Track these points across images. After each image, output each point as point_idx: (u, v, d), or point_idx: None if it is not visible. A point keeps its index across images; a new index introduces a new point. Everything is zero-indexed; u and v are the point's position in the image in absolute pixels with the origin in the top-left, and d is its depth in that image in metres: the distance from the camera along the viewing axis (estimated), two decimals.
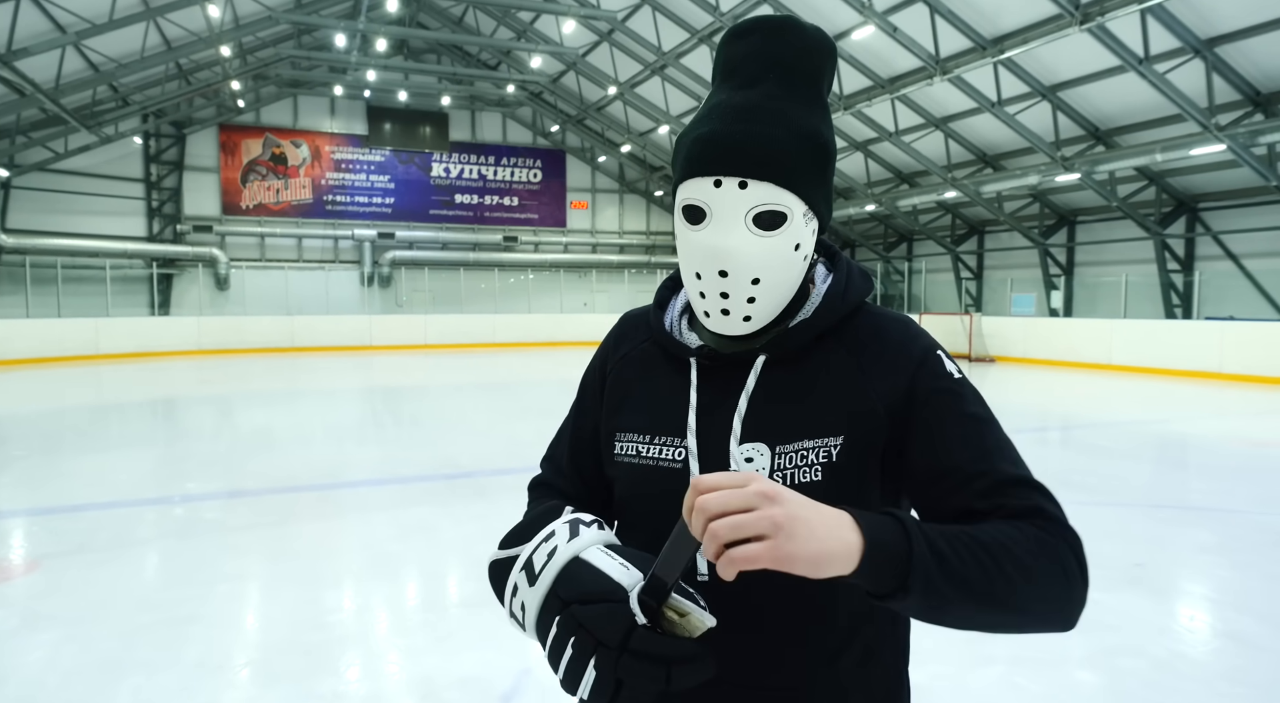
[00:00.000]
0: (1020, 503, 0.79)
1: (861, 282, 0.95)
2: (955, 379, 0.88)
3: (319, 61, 21.14)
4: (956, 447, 0.83)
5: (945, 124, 17.23)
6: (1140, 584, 3.92)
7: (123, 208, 21.72)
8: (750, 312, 0.88)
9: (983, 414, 0.87)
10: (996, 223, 20.41)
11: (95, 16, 14.27)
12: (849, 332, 0.92)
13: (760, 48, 0.89)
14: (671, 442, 0.91)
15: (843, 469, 0.85)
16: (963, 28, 13.53)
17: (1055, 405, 11.15)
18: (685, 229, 0.89)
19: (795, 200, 0.85)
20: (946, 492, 0.82)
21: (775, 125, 0.85)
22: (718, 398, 0.90)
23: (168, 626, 3.43)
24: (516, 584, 0.82)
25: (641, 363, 1.00)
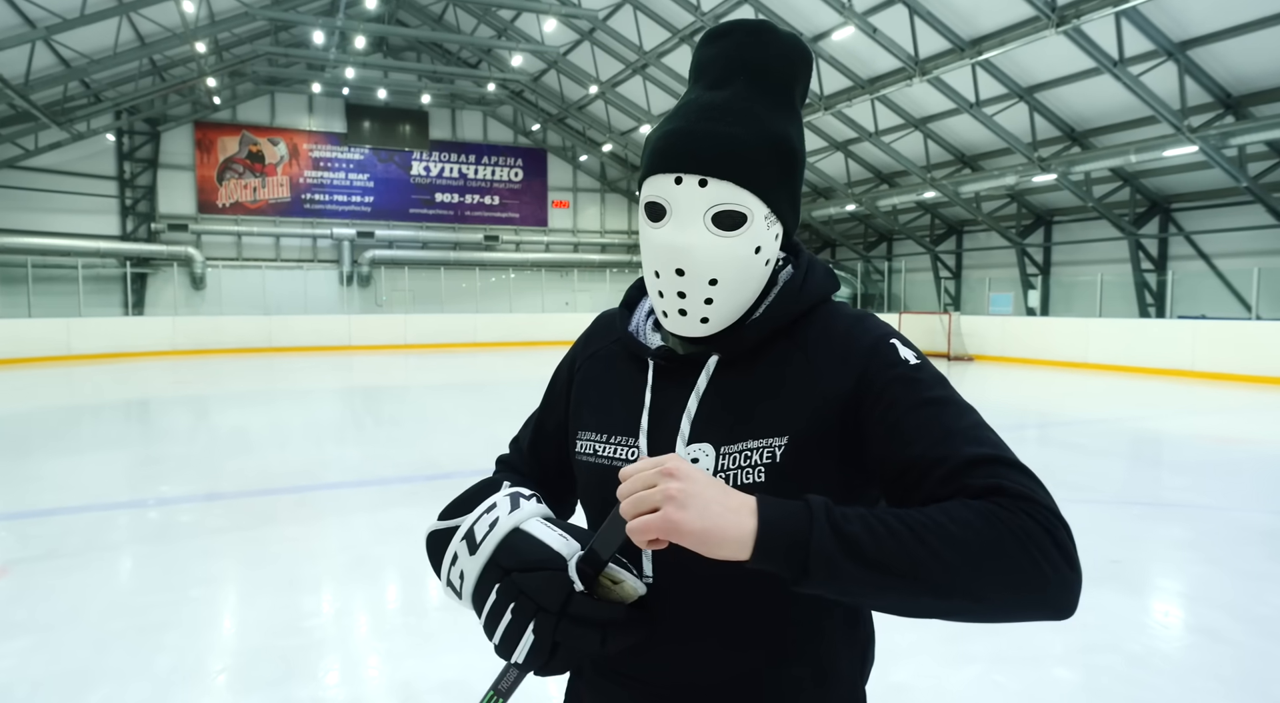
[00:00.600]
0: (981, 482, 0.73)
1: (824, 279, 0.93)
2: (911, 365, 0.84)
3: (297, 58, 20.93)
4: (915, 436, 0.78)
5: (924, 125, 17.37)
6: (1117, 581, 3.96)
7: (95, 206, 21.36)
8: (707, 313, 0.87)
9: (942, 396, 0.82)
10: (975, 223, 20.61)
11: (66, 11, 14.02)
12: (804, 329, 0.90)
13: (734, 50, 0.89)
14: (626, 442, 0.91)
15: (787, 470, 0.83)
16: (941, 29, 13.64)
17: (1032, 403, 11.28)
18: (646, 227, 0.89)
19: (756, 202, 0.85)
20: (912, 484, 0.77)
21: (739, 125, 0.84)
22: (671, 399, 0.90)
23: (141, 632, 3.37)
24: (456, 553, 0.83)
25: (606, 363, 1.00)
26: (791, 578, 0.69)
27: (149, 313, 21.63)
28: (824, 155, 20.53)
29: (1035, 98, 14.94)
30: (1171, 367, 14.10)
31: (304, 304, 22.34)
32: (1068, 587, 0.69)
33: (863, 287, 23.78)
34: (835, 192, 21.57)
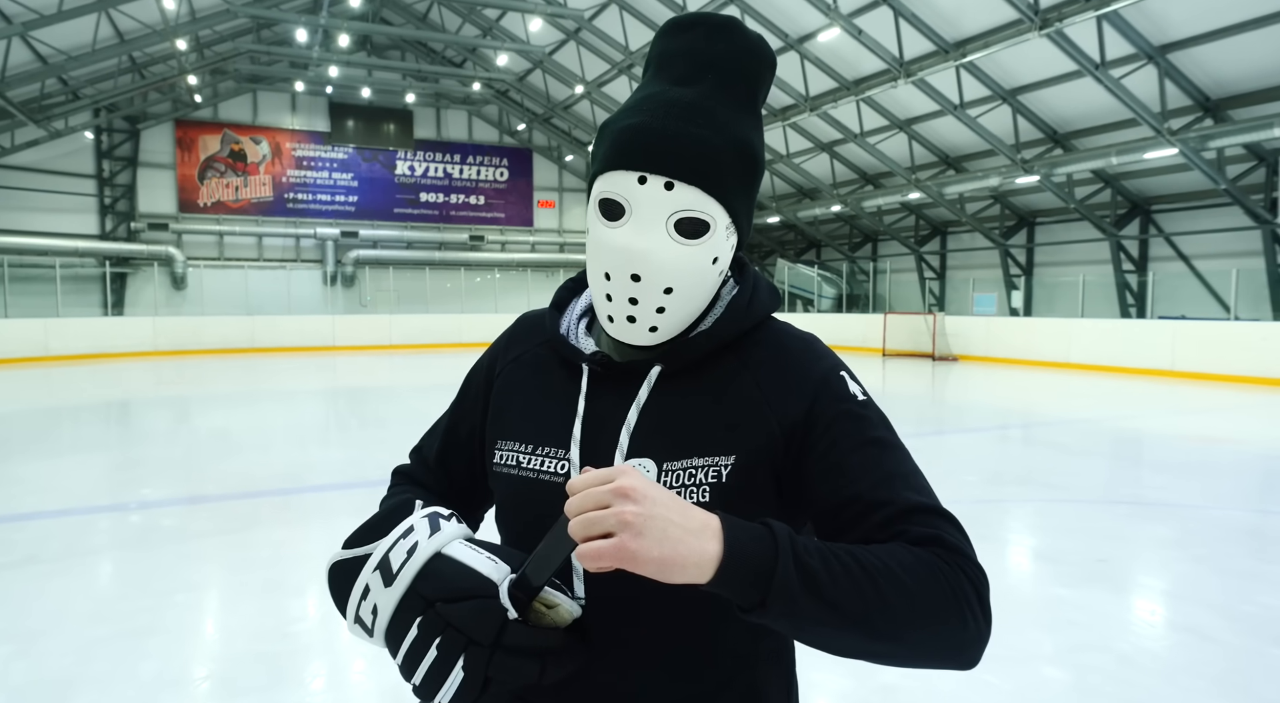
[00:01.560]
0: (920, 530, 0.74)
1: (768, 296, 0.91)
2: (859, 401, 0.83)
3: (279, 57, 20.74)
4: (858, 474, 0.78)
5: (909, 126, 17.48)
6: (1104, 580, 4.00)
7: (73, 205, 21.08)
8: (658, 322, 0.82)
9: (887, 439, 0.82)
10: (959, 224, 20.77)
11: (43, 7, 13.81)
12: (749, 347, 0.87)
13: (701, 45, 0.85)
14: (554, 453, 0.85)
15: (732, 491, 0.80)
16: (926, 31, 13.73)
17: (1016, 404, 11.37)
18: (599, 224, 0.82)
19: (721, 211, 0.81)
20: (848, 522, 0.77)
21: (710, 128, 0.80)
22: (608, 409, 0.84)
23: (124, 638, 3.32)
24: (369, 585, 0.75)
25: (532, 367, 0.94)
26: (745, 607, 0.66)
27: (129, 313, 21.36)
28: (809, 156, 20.60)
29: (1018, 100, 15.07)
30: (1153, 367, 14.26)
31: (287, 304, 22.15)
32: (982, 642, 0.72)
33: (848, 287, 23.90)
34: (821, 192, 21.66)
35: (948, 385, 13.79)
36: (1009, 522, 5.19)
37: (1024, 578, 4.17)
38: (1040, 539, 4.77)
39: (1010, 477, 6.43)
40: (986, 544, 4.62)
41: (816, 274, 24.19)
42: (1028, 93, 14.85)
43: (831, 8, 13.84)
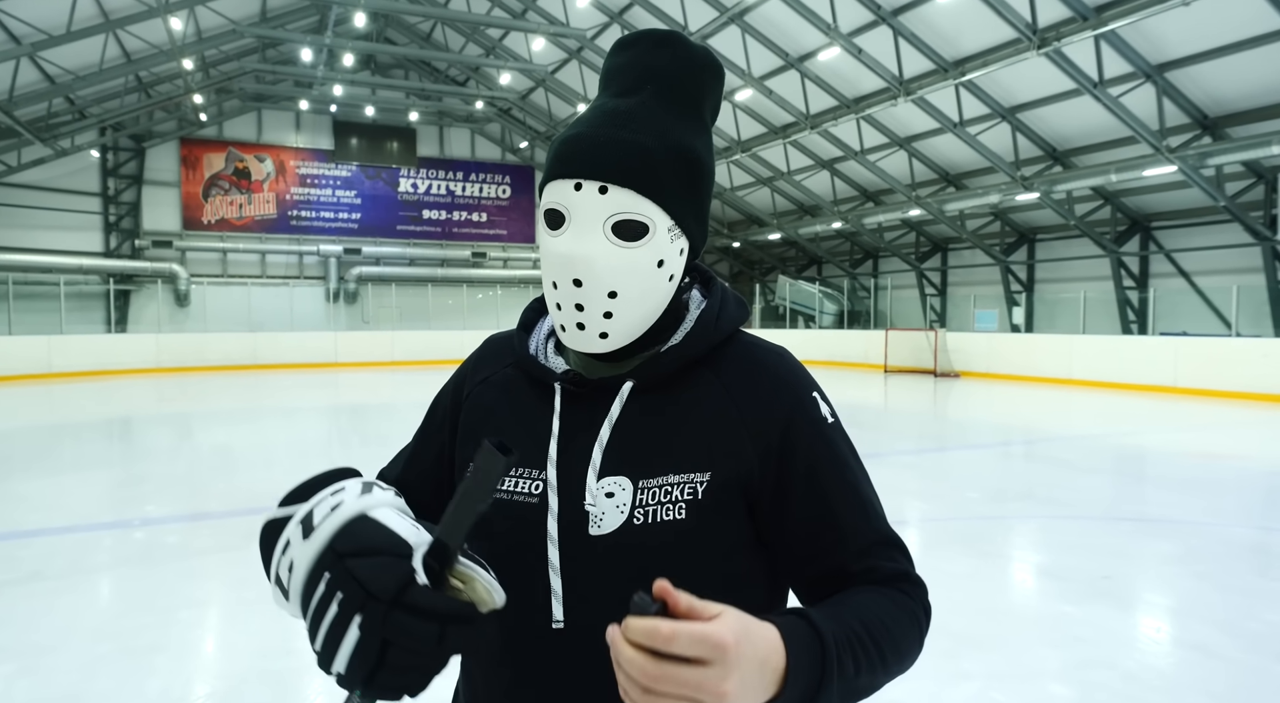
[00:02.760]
0: (890, 567, 0.81)
1: (736, 309, 0.91)
2: (829, 424, 0.85)
3: (284, 76, 20.95)
4: (835, 503, 0.82)
5: (909, 143, 17.60)
6: (1108, 597, 3.99)
7: (78, 222, 21.21)
8: (606, 328, 0.82)
9: (855, 465, 0.86)
10: (959, 240, 20.85)
11: (52, 28, 13.98)
12: (722, 361, 0.87)
13: (641, 58, 0.86)
14: (529, 473, 0.84)
15: (708, 508, 0.79)
16: (925, 50, 13.87)
17: (1018, 420, 11.36)
18: (545, 235, 0.83)
19: (658, 212, 0.80)
20: (823, 549, 0.81)
21: (642, 132, 0.81)
22: (581, 427, 0.83)
23: (128, 656, 3.32)
24: (289, 540, 0.70)
25: (501, 388, 0.92)
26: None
27: (132, 330, 21.42)
28: (810, 173, 20.73)
29: (1017, 118, 15.18)
30: (1154, 383, 14.26)
31: (290, 321, 22.20)
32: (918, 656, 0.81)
33: (849, 303, 23.95)
34: (821, 209, 21.76)
35: (950, 401, 13.79)
36: (1013, 538, 5.18)
37: (1029, 595, 4.16)
38: (1045, 556, 4.76)
39: (1013, 493, 6.42)
40: (990, 561, 4.62)
41: (818, 290, 24.25)
42: (1027, 111, 14.97)
43: (831, 27, 13.99)
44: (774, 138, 18.57)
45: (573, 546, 0.79)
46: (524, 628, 0.81)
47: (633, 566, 0.78)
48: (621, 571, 0.78)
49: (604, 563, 0.79)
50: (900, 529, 5.35)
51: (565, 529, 0.80)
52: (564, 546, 0.79)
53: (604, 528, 0.79)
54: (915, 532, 5.36)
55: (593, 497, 0.80)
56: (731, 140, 19.70)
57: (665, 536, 0.78)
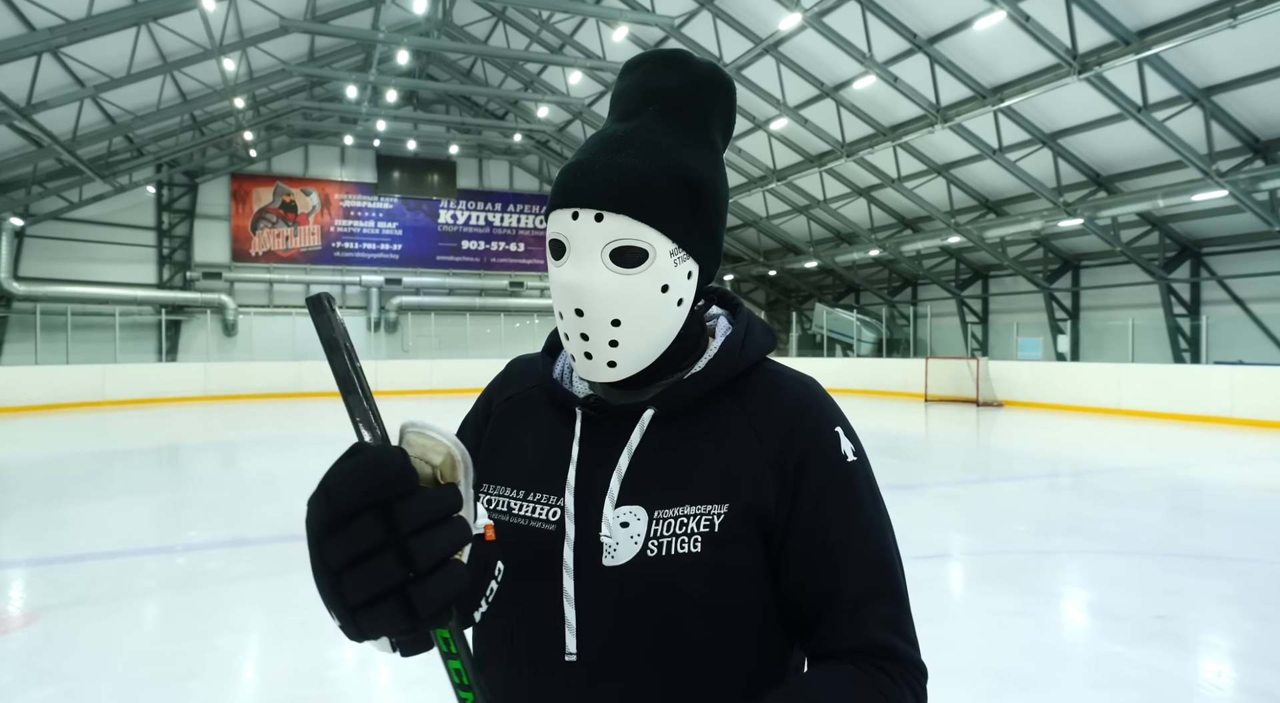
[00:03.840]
0: (878, 638, 0.76)
1: (763, 336, 0.89)
2: (849, 463, 0.82)
3: (330, 112, 21.62)
4: (837, 546, 0.79)
5: (947, 170, 17.46)
6: (1164, 638, 3.81)
7: (134, 255, 22.01)
8: (614, 357, 0.79)
9: (871, 509, 0.82)
10: (1001, 267, 20.51)
11: (114, 71, 14.66)
12: (746, 390, 0.85)
13: (645, 80, 0.85)
14: (547, 499, 0.82)
15: (724, 541, 0.77)
16: (962, 78, 13.80)
17: (1066, 450, 11.03)
18: (551, 265, 0.83)
19: (658, 237, 0.78)
20: (816, 594, 0.78)
21: (639, 157, 0.79)
22: (601, 454, 0.82)
23: (166, 681, 3.35)
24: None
25: (525, 409, 0.91)
26: None
27: (182, 359, 22.05)
28: (847, 201, 20.65)
29: (1059, 143, 14.98)
30: (1209, 413, 13.75)
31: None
32: None
33: (888, 331, 23.64)
34: (858, 237, 21.63)
35: (993, 431, 13.46)
36: (1060, 574, 5.00)
37: (1078, 634, 3.99)
38: (1094, 593, 4.58)
39: (1061, 526, 6.21)
40: (1036, 596, 4.45)
41: (855, 318, 24.01)
42: (1069, 136, 14.76)
43: (867, 56, 14.02)
44: (810, 166, 18.57)
45: (587, 576, 0.78)
46: (536, 659, 0.79)
47: (646, 598, 0.77)
48: (634, 603, 0.76)
49: (617, 595, 0.77)
50: (942, 564, 5.23)
51: (580, 559, 0.78)
52: (578, 575, 0.78)
53: (618, 559, 0.77)
54: (958, 566, 5.21)
55: (608, 527, 0.78)
56: (767, 169, 19.75)
57: (679, 569, 0.76)
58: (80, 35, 12.77)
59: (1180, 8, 10.93)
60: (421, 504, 0.54)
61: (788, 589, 0.80)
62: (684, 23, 15.96)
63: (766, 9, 14.51)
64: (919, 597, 4.41)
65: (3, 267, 18.70)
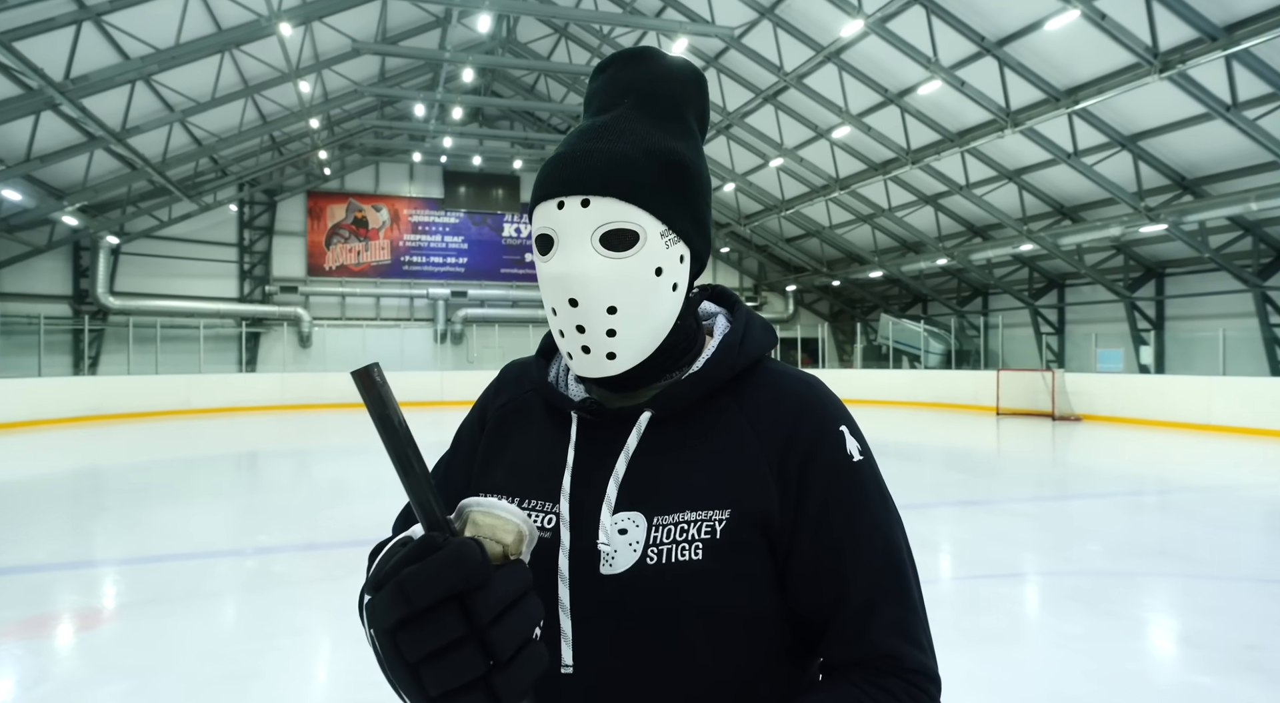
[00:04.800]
0: (887, 644, 0.74)
1: (763, 334, 0.86)
2: (855, 462, 0.79)
3: (399, 130, 22.30)
4: (846, 550, 0.76)
5: (1018, 176, 16.87)
6: (1256, 671, 3.54)
7: (217, 271, 23.10)
8: (613, 347, 0.77)
9: (881, 511, 0.79)
10: (1078, 276, 19.69)
11: (200, 95, 15.47)
12: (746, 390, 0.82)
13: (616, 77, 0.85)
14: (543, 506, 0.80)
15: (726, 548, 0.74)
16: (1034, 80, 13.34)
17: (1150, 468, 10.46)
18: (538, 262, 0.80)
19: (647, 217, 0.76)
20: (825, 601, 0.76)
21: (620, 141, 0.78)
22: (597, 459, 0.79)
23: (230, 680, 3.46)
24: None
25: (521, 414, 0.89)
26: None
27: (260, 370, 22.98)
28: (913, 209, 20.18)
29: (1139, 146, 14.30)
30: None
31: (400, 361, 23.28)
32: None
33: (957, 343, 22.94)
34: (925, 246, 21.10)
35: (1070, 446, 12.87)
36: (1140, 598, 4.72)
37: (1161, 663, 3.75)
38: (1178, 620, 4.30)
39: (1143, 547, 5.87)
40: (1113, 622, 4.20)
41: (923, 329, 23.38)
42: (1150, 138, 14.08)
43: (932, 61, 13.70)
44: (874, 174, 18.22)
45: (583, 585, 0.75)
46: None
47: (646, 608, 0.74)
48: (633, 613, 0.74)
49: (616, 604, 0.74)
50: (1010, 583, 5.00)
51: (576, 567, 0.76)
52: (574, 585, 0.75)
53: (616, 567, 0.75)
54: (1028, 586, 4.97)
55: (605, 534, 0.75)
56: (830, 178, 19.47)
57: (680, 577, 0.73)
58: (169, 63, 13.53)
59: (1271, 1, 10.32)
60: (500, 593, 0.53)
61: (796, 597, 0.77)
62: (744, 33, 15.91)
63: (828, 16, 14.34)
64: (984, 617, 4.24)
65: (100, 282, 19.87)
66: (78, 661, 3.78)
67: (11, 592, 4.80)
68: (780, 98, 17.57)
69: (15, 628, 4.15)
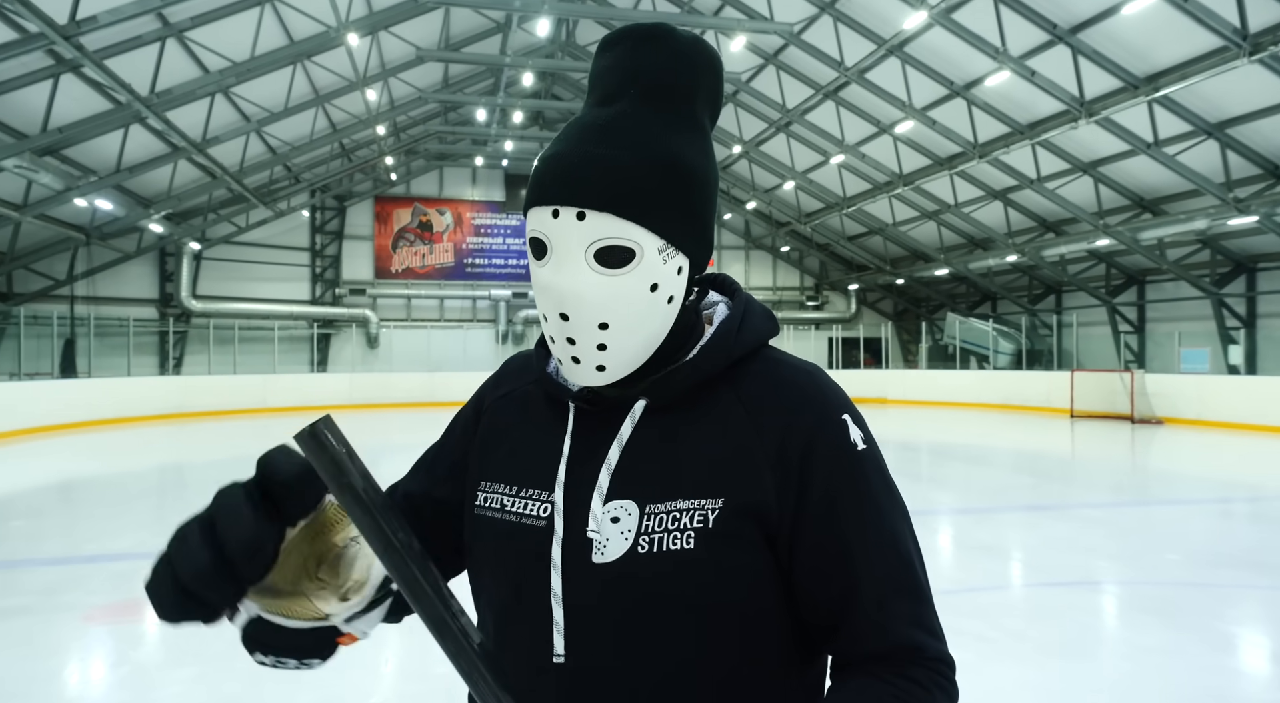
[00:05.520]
0: (904, 635, 0.73)
1: (763, 322, 0.83)
2: (859, 451, 0.76)
3: (462, 135, 22.77)
4: (854, 543, 0.74)
5: (1094, 168, 16.17)
6: None
7: (291, 274, 24.01)
8: (603, 360, 0.76)
9: (887, 501, 0.76)
10: (1159, 272, 18.75)
11: (274, 106, 16.09)
12: (743, 378, 0.79)
13: (624, 59, 0.79)
14: (538, 495, 0.79)
15: (719, 537, 0.72)
16: (1110, 67, 12.77)
17: (1240, 475, 9.88)
18: (533, 265, 0.78)
19: (645, 234, 0.73)
20: (834, 596, 0.74)
21: (621, 147, 0.74)
22: (592, 448, 0.78)
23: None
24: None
25: (520, 404, 0.88)
26: None
27: (331, 370, 23.79)
28: (980, 205, 19.56)
29: (1227, 133, 13.53)
30: None
31: (464, 361, 23.74)
32: None
33: (1028, 342, 22.12)
34: (994, 242, 20.42)
35: (1151, 451, 12.26)
36: (1226, 611, 4.45)
37: (1246, 681, 3.53)
38: (1268, 635, 4.05)
39: (1230, 558, 5.54)
40: (1194, 636, 3.97)
41: (992, 329, 22.63)
42: (1239, 125, 13.30)
43: (1000, 51, 13.24)
44: (939, 170, 17.72)
45: (576, 574, 0.74)
46: (524, 661, 0.76)
47: (637, 597, 0.72)
48: (625, 602, 0.73)
49: (607, 593, 0.73)
50: (1081, 592, 4.78)
51: (569, 556, 0.75)
52: (567, 573, 0.74)
53: (607, 556, 0.73)
54: (1100, 595, 4.75)
55: (596, 522, 0.74)
56: (893, 174, 19.03)
57: (671, 566, 0.72)
58: (245, 75, 14.12)
59: None
60: None
61: (803, 592, 0.75)
62: (803, 28, 15.68)
63: (890, 9, 14.01)
64: (1052, 627, 4.07)
65: (184, 286, 20.90)
66: (153, 646, 3.97)
67: (99, 579, 5.07)
68: (841, 93, 17.26)
69: (100, 613, 4.38)
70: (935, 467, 10.97)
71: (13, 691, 3.37)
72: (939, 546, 6.00)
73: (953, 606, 4.31)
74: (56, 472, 10.03)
